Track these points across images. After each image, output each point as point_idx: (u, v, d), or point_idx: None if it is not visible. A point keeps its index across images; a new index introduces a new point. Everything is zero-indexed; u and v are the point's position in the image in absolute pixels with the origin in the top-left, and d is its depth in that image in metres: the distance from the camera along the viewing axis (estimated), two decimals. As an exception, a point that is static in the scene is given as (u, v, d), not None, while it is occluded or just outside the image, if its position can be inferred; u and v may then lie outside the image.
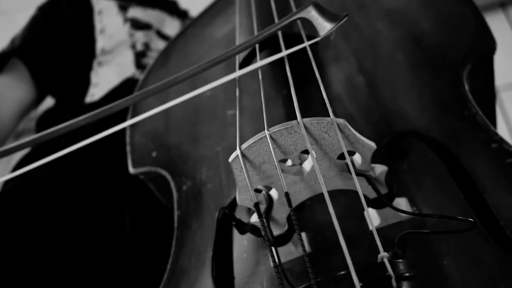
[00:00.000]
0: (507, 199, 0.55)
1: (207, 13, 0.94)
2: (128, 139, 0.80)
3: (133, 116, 0.83)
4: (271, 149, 0.46)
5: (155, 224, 0.91)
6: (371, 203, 0.54)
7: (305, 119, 0.46)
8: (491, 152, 0.60)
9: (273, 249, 0.47)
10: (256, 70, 0.59)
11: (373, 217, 0.56)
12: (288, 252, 0.56)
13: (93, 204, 0.90)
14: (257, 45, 0.63)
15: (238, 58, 0.67)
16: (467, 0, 0.75)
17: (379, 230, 0.55)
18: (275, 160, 0.46)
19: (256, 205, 0.47)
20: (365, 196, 0.54)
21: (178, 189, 0.71)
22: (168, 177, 0.73)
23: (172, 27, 1.08)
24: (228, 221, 0.63)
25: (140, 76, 1.02)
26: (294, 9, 0.70)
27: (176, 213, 0.69)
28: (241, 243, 0.62)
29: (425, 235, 0.51)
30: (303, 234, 0.58)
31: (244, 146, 0.47)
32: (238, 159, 0.48)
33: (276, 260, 0.46)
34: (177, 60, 0.90)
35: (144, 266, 0.87)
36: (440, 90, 0.67)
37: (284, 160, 0.50)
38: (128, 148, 0.79)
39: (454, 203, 0.56)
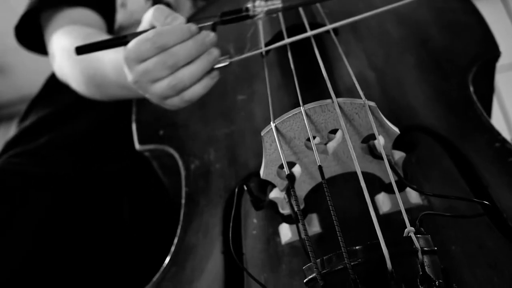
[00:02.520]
0: (509, 193, 0.59)
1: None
2: (134, 117, 0.81)
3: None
4: (306, 124, 0.48)
5: (154, 209, 0.92)
6: (385, 188, 0.57)
7: (339, 99, 0.49)
8: (494, 151, 0.63)
9: (298, 223, 0.49)
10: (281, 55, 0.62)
11: (383, 203, 0.58)
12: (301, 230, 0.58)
13: (90, 190, 0.90)
14: (284, 28, 0.65)
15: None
16: (473, 9, 0.79)
17: (389, 215, 0.58)
18: (310, 134, 0.48)
19: (290, 176, 0.49)
20: (380, 180, 0.57)
21: (186, 167, 0.73)
22: (176, 155, 0.74)
23: (184, 8, 1.07)
24: (238, 197, 0.65)
25: None
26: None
27: (184, 189, 0.70)
28: (250, 221, 0.64)
29: (442, 217, 0.53)
30: (314, 215, 0.60)
31: (278, 120, 0.49)
32: (271, 132, 0.50)
33: (302, 233, 0.48)
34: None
35: (143, 251, 0.87)
36: (447, 91, 0.70)
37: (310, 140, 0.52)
38: (134, 126, 0.80)
39: (461, 195, 0.59)
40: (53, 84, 1.04)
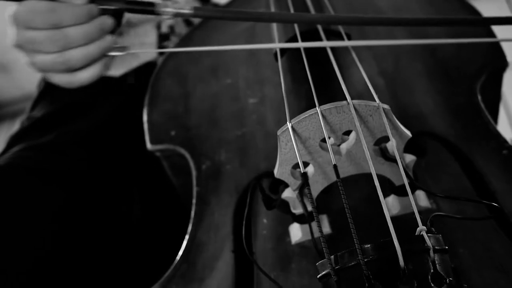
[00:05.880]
0: (516, 199, 0.60)
1: (229, 7, 0.97)
2: (146, 117, 0.82)
3: (151, 95, 0.86)
4: (322, 125, 0.49)
5: (164, 207, 0.92)
6: (395, 190, 0.58)
7: (354, 101, 0.50)
8: (501, 158, 0.65)
9: (311, 222, 0.50)
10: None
11: (393, 205, 0.59)
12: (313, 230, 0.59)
13: (101, 186, 0.91)
14: (297, 31, 0.67)
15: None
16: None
17: (398, 217, 0.59)
18: (325, 134, 0.49)
19: (305, 174, 0.50)
20: (390, 183, 0.58)
21: (197, 167, 0.74)
22: (187, 155, 0.75)
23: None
24: (251, 195, 0.66)
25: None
26: (328, 6, 0.75)
27: (195, 189, 0.71)
28: (260, 221, 0.65)
29: (451, 221, 0.54)
30: (324, 216, 0.61)
31: (294, 120, 0.51)
32: (287, 132, 0.51)
33: (315, 231, 0.49)
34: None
35: (153, 248, 0.88)
36: (455, 99, 0.72)
37: (324, 140, 0.54)
38: (146, 126, 0.81)
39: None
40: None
